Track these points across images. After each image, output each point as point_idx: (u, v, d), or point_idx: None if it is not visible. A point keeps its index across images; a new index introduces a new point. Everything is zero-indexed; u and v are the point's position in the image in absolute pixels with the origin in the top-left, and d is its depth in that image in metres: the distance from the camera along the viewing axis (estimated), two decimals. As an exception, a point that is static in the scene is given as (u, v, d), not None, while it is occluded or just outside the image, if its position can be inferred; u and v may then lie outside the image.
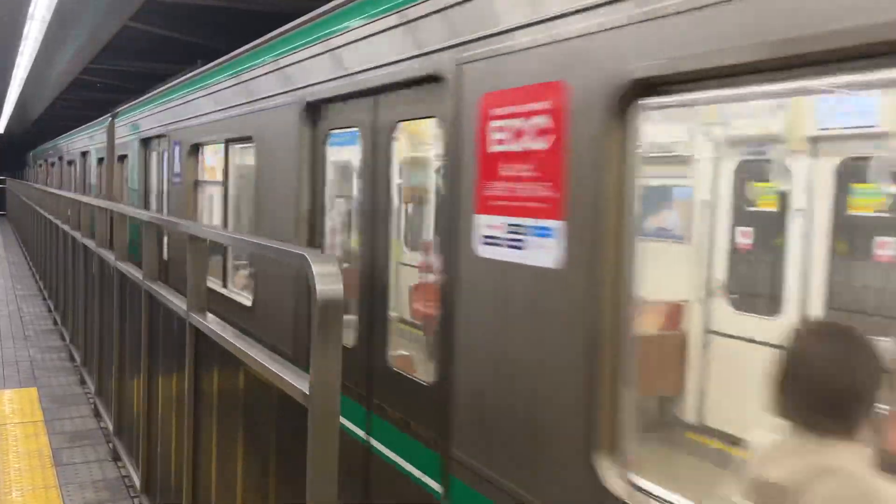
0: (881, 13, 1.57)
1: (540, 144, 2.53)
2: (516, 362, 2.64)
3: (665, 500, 2.13)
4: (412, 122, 3.79)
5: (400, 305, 4.40)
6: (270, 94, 5.02)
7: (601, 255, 2.29)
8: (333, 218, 4.67)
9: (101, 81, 17.49)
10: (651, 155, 5.09)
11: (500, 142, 2.72)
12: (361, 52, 3.76)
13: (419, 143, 5.85)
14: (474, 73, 2.85)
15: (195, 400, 3.18)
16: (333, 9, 4.15)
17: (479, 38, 2.82)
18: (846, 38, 1.64)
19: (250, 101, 5.44)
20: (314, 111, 4.41)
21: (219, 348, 2.81)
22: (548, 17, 2.48)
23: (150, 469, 4.24)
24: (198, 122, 7.09)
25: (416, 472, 3.25)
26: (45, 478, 5.12)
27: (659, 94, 2.15)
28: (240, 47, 5.84)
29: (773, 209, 5.10)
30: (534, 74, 2.55)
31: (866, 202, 4.66)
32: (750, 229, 5.27)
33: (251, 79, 5.47)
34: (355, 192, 4.20)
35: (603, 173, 2.26)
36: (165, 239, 7.26)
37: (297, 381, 2.03)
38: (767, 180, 5.20)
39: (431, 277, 3.96)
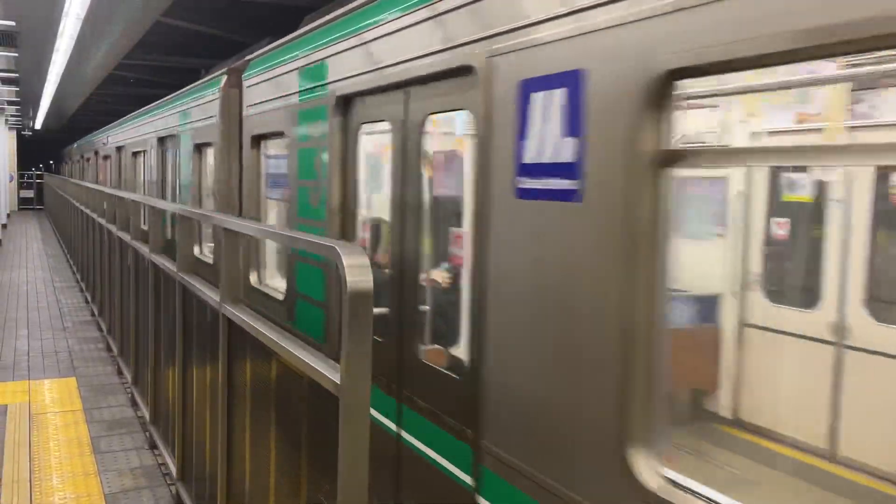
0: None
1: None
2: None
3: None
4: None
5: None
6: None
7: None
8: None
9: (134, 77, 17.73)
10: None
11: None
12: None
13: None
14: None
15: (228, 389, 3.24)
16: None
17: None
18: None
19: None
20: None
21: (251, 339, 2.86)
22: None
23: (186, 457, 4.32)
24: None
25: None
26: (85, 465, 5.26)
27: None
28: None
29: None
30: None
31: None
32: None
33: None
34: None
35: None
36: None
37: (328, 372, 2.06)
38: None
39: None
